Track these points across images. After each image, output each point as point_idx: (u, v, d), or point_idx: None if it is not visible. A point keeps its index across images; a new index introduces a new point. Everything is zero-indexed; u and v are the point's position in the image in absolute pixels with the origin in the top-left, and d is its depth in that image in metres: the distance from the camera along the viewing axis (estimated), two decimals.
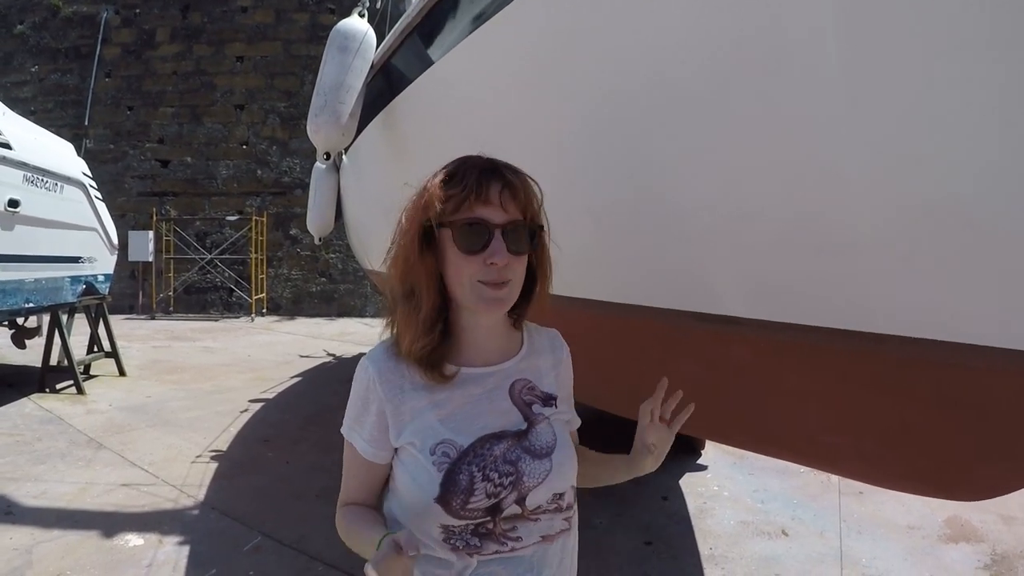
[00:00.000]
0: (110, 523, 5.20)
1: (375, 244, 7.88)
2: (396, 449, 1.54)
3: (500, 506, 1.47)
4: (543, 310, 1.64)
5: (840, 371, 2.17)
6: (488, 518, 1.46)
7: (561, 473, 1.56)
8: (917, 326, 1.92)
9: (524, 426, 1.55)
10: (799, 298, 2.19)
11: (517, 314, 1.63)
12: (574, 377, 1.78)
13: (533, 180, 1.53)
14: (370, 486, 1.61)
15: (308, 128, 4.88)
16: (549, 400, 1.63)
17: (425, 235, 1.47)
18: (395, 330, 1.55)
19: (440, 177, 1.48)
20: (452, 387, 1.52)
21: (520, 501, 1.49)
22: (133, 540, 4.90)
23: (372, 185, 6.45)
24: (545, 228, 1.55)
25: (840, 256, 1.99)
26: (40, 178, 8.76)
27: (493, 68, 3.09)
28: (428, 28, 3.58)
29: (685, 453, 6.91)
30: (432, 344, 1.48)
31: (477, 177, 1.44)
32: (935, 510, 5.49)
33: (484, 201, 1.43)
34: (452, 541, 1.46)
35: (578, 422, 1.80)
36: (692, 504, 5.83)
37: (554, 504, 1.55)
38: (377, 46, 4.78)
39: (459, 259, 1.45)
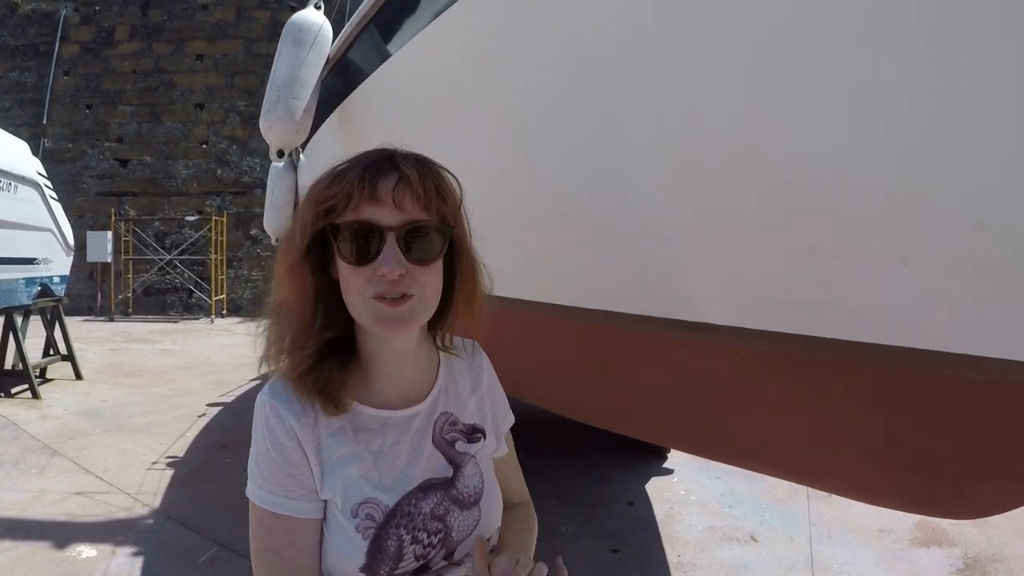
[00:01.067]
0: (63, 533, 5.08)
1: None
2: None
3: (428, 565, 1.29)
4: (469, 327, 1.41)
5: (822, 382, 2.08)
6: None
7: (489, 520, 1.37)
8: (906, 334, 1.84)
9: (450, 472, 1.34)
10: (778, 304, 2.10)
11: (438, 335, 1.41)
12: (542, 386, 1.60)
13: (449, 173, 1.29)
14: (318, 551, 1.28)
15: (261, 124, 4.76)
16: (475, 433, 1.41)
17: (311, 243, 1.23)
18: (272, 355, 1.28)
19: (323, 175, 1.25)
20: (373, 434, 1.29)
21: (448, 555, 1.31)
22: (86, 551, 4.78)
23: None
24: (466, 229, 1.31)
25: (824, 259, 1.90)
26: None
27: (451, 61, 2.99)
28: (384, 19, 3.48)
29: (651, 457, 6.87)
30: (309, 360, 1.23)
31: (361, 171, 1.19)
32: (905, 513, 5.46)
33: (372, 199, 1.18)
34: None
35: (510, 421, 1.53)
36: (659, 509, 5.79)
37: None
38: (334, 40, 4.68)
39: (347, 272, 1.21)
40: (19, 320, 9.82)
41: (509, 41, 2.64)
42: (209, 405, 9.21)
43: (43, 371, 10.55)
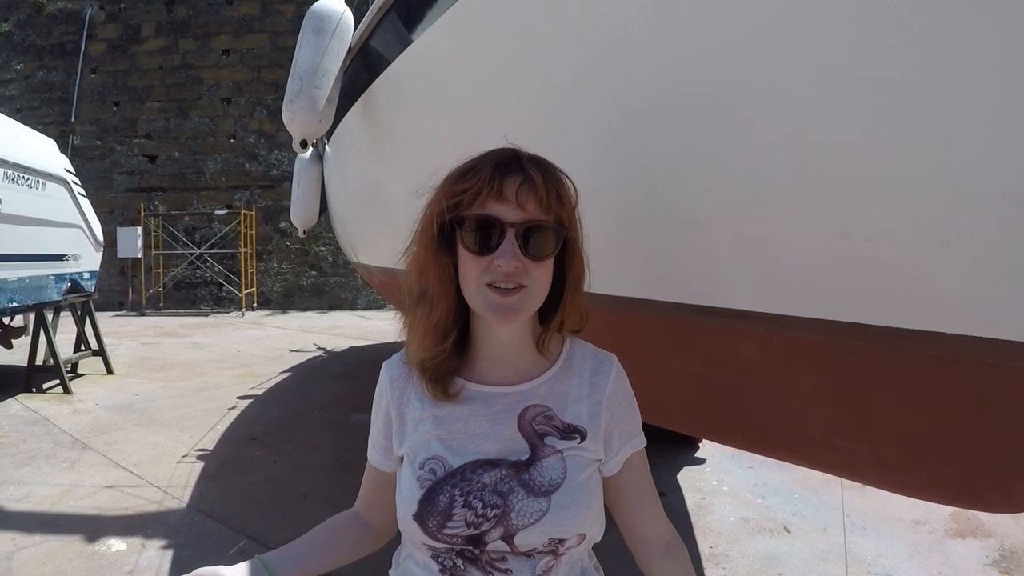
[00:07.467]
0: (93, 527, 5.09)
1: (359, 236, 7.73)
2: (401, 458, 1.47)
3: (482, 539, 1.32)
4: (570, 325, 1.47)
5: (858, 370, 2.00)
6: (470, 547, 1.33)
7: (561, 517, 1.33)
8: (947, 320, 1.74)
9: (526, 457, 1.37)
10: (813, 289, 2.01)
11: (543, 331, 1.45)
12: None
13: (567, 177, 1.39)
14: (378, 493, 1.56)
15: (283, 115, 4.69)
16: (571, 432, 1.41)
17: (440, 232, 1.35)
18: (406, 335, 1.47)
19: (455, 170, 1.37)
20: (457, 403, 1.42)
21: (507, 539, 1.32)
22: (116, 545, 4.78)
23: (353, 175, 6.30)
24: (579, 232, 1.41)
25: (860, 242, 1.80)
26: (21, 175, 8.63)
27: (474, 46, 2.93)
28: (404, 4, 3.42)
29: (683, 447, 6.80)
30: (442, 355, 1.39)
31: (491, 170, 1.30)
32: (941, 504, 5.34)
33: (498, 197, 1.29)
34: (439, 559, 1.37)
35: (635, 444, 1.51)
36: (691, 500, 5.71)
37: (550, 548, 1.34)
38: (356, 27, 4.63)
39: (467, 260, 1.33)
40: (49, 316, 9.87)
41: (514, 35, 2.59)
42: (239, 398, 9.23)
43: (74, 366, 10.63)
